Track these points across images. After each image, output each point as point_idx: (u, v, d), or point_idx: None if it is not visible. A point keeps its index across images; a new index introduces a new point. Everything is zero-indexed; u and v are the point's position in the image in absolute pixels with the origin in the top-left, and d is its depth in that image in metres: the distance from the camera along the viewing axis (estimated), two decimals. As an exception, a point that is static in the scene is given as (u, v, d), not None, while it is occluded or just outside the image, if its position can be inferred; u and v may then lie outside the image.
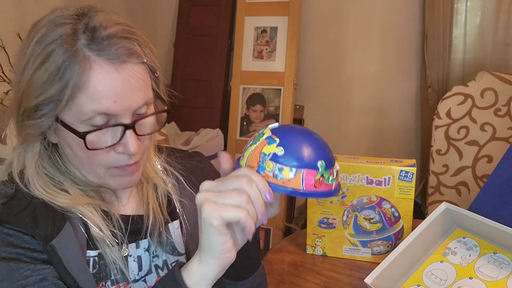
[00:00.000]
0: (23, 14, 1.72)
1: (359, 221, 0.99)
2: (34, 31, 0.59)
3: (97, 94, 0.57)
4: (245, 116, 2.14)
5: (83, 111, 0.57)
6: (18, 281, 0.56)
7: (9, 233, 0.59)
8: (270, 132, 0.55)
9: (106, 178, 0.64)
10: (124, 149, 0.61)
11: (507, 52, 1.79)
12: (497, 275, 0.74)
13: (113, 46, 0.57)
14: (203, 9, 2.42)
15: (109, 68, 0.57)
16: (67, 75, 0.56)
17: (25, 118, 0.60)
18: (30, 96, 0.58)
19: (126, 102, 0.59)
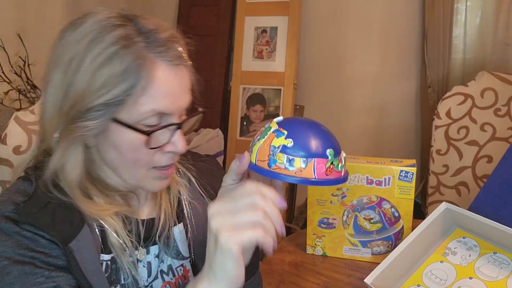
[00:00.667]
0: (23, 14, 1.72)
1: (359, 221, 0.99)
2: (78, 33, 0.59)
3: (158, 95, 0.59)
4: (245, 116, 2.14)
5: (142, 111, 0.59)
6: (31, 286, 0.56)
7: (26, 235, 0.58)
8: (276, 125, 0.56)
9: (145, 179, 0.65)
10: (173, 148, 0.63)
11: (507, 52, 1.79)
12: (497, 275, 0.74)
13: (169, 49, 0.60)
14: (203, 9, 2.42)
15: (169, 70, 0.60)
16: (135, 75, 0.57)
17: (78, 120, 0.59)
18: (90, 96, 0.57)
19: (180, 102, 0.62)
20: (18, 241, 0.58)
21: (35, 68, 1.70)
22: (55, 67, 0.60)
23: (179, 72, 0.62)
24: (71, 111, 0.59)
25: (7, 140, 0.92)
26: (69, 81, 0.58)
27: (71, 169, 0.62)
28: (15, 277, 0.56)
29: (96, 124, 0.58)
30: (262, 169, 0.54)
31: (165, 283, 0.72)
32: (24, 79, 1.65)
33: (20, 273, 0.56)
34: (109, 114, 0.58)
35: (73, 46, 0.59)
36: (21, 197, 0.61)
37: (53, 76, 0.60)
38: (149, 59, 0.58)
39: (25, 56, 1.65)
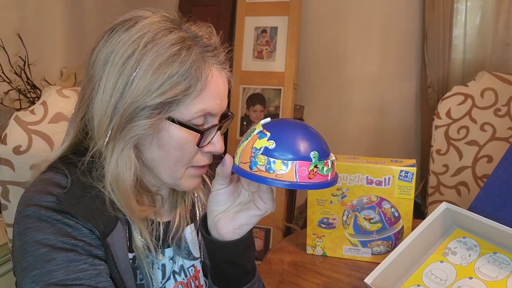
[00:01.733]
0: (23, 14, 1.72)
1: (359, 221, 0.99)
2: (131, 34, 0.60)
3: (210, 96, 0.62)
4: (245, 116, 2.14)
5: (193, 111, 0.61)
6: (75, 273, 0.56)
7: (69, 223, 0.59)
8: (261, 127, 0.55)
9: (183, 177, 0.67)
10: (213, 148, 0.66)
11: (507, 52, 1.79)
12: (497, 275, 0.74)
13: (220, 53, 0.65)
14: (203, 9, 2.42)
15: (218, 73, 0.64)
16: (194, 76, 0.60)
17: (135, 118, 0.59)
18: (149, 95, 0.59)
19: (223, 104, 0.66)
20: (60, 229, 0.58)
21: (35, 68, 1.69)
22: (107, 65, 0.60)
23: (224, 76, 0.66)
24: (128, 110, 0.59)
25: (7, 140, 0.92)
26: (126, 80, 0.59)
27: (127, 171, 0.62)
28: (58, 263, 0.56)
29: (151, 122, 0.60)
30: (243, 171, 0.53)
31: (178, 283, 0.73)
32: (24, 79, 1.65)
33: (64, 260, 0.56)
34: (164, 112, 0.60)
35: (127, 46, 0.60)
36: (57, 189, 0.61)
37: (105, 76, 0.60)
38: (205, 62, 0.62)
39: (25, 56, 1.65)
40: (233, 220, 0.60)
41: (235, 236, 0.61)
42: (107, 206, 0.62)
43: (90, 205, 0.61)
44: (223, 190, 0.60)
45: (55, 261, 0.56)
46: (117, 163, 0.61)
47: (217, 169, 0.58)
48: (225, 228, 0.61)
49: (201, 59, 0.62)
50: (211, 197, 0.61)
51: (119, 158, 0.61)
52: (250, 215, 0.60)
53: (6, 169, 0.92)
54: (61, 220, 0.58)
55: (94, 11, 2.07)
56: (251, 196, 0.61)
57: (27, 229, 0.58)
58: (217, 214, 0.61)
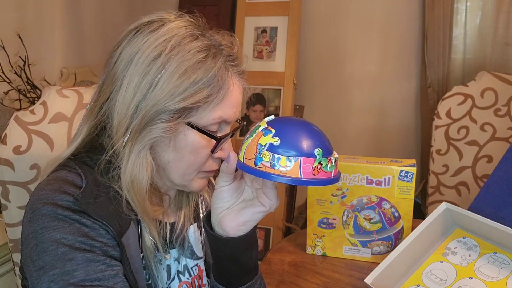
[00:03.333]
0: (23, 14, 1.72)
1: (359, 221, 0.99)
2: (157, 36, 0.60)
3: (228, 104, 0.63)
4: (245, 116, 2.14)
5: (211, 117, 0.62)
6: (95, 273, 0.56)
7: (86, 223, 0.59)
8: (265, 124, 0.56)
9: (193, 180, 0.68)
10: (224, 155, 0.66)
11: (507, 52, 1.79)
12: (497, 275, 0.74)
13: (239, 64, 0.66)
14: (203, 9, 2.42)
15: (238, 82, 0.66)
16: (217, 84, 0.61)
17: (155, 120, 0.60)
18: (172, 99, 0.59)
19: (238, 113, 0.67)
20: (78, 229, 0.58)
21: (35, 68, 1.69)
22: (131, 65, 0.60)
23: (241, 85, 0.67)
24: (150, 112, 0.59)
25: (7, 140, 0.92)
26: (150, 82, 0.59)
27: (143, 172, 0.62)
28: (78, 263, 0.56)
29: (171, 126, 0.60)
30: (248, 168, 0.54)
31: (182, 283, 0.74)
32: (24, 79, 1.65)
33: (83, 260, 0.56)
34: (184, 117, 0.61)
35: (153, 48, 0.60)
36: (73, 188, 0.61)
37: (128, 75, 0.60)
38: (228, 71, 0.63)
39: (25, 56, 1.65)
40: (237, 217, 0.61)
41: (239, 232, 0.62)
42: (121, 206, 0.63)
43: (106, 205, 0.62)
44: (227, 187, 0.61)
45: (75, 260, 0.56)
46: (134, 164, 0.61)
47: (221, 165, 0.59)
48: (229, 225, 0.61)
49: (224, 68, 0.63)
50: (215, 194, 0.62)
51: (136, 159, 0.61)
52: (255, 212, 0.60)
53: (6, 169, 0.92)
54: (79, 220, 0.59)
55: (94, 11, 2.07)
56: (255, 192, 0.62)
57: (44, 228, 0.57)
58: (222, 211, 0.62)
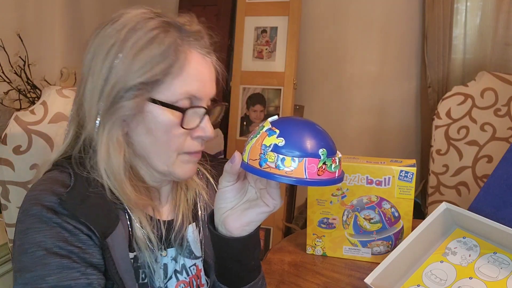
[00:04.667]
0: (23, 14, 1.72)
1: (359, 221, 0.99)
2: (116, 25, 0.64)
3: (191, 77, 0.64)
4: (245, 116, 2.14)
5: (176, 92, 0.63)
6: (67, 280, 0.56)
7: (67, 227, 0.59)
8: (269, 124, 0.56)
9: (176, 164, 0.67)
10: (202, 132, 0.66)
11: (507, 52, 1.79)
12: (497, 275, 0.74)
13: (200, 39, 0.67)
14: (203, 9, 2.42)
15: (200, 56, 0.66)
16: (172, 57, 0.62)
17: (118, 100, 0.62)
18: (130, 76, 0.62)
19: (208, 88, 0.66)
20: (59, 233, 0.59)
21: (35, 68, 1.69)
22: (94, 57, 0.64)
23: (208, 62, 0.67)
24: (112, 93, 0.62)
25: (7, 140, 0.92)
26: (109, 65, 0.62)
27: (116, 154, 0.64)
28: (52, 269, 0.56)
29: (135, 103, 0.62)
30: (253, 168, 0.54)
31: (180, 282, 0.74)
32: (24, 79, 1.65)
33: (58, 265, 0.57)
34: (146, 93, 0.62)
35: (112, 36, 0.63)
36: (61, 188, 0.62)
37: (92, 67, 0.64)
38: (185, 43, 0.65)
39: (25, 56, 1.65)
40: (241, 217, 0.61)
41: (243, 233, 0.62)
42: (107, 195, 0.64)
43: (92, 205, 0.62)
44: (231, 187, 0.61)
45: (49, 266, 0.56)
46: (107, 145, 0.63)
47: (225, 166, 0.59)
48: (233, 225, 0.61)
49: (180, 40, 0.64)
50: (219, 194, 0.62)
51: (108, 141, 0.63)
52: (259, 212, 0.60)
53: (6, 169, 0.92)
54: (60, 224, 0.59)
55: (94, 11, 2.07)
56: (258, 193, 0.62)
57: (28, 229, 0.58)
58: (225, 211, 0.62)
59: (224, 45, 2.38)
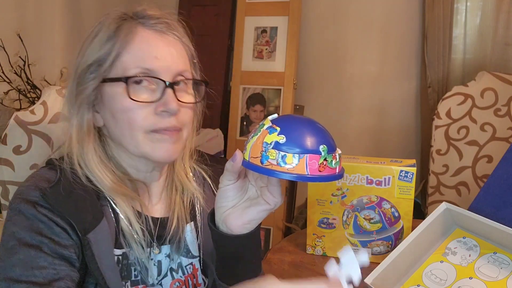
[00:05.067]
0: (23, 14, 1.72)
1: (359, 221, 0.99)
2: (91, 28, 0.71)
3: (139, 51, 0.66)
4: (245, 116, 2.14)
5: (126, 68, 0.65)
6: (31, 269, 0.57)
7: (42, 219, 0.60)
8: (270, 122, 0.56)
9: (146, 145, 0.66)
10: (164, 106, 0.65)
11: (507, 52, 1.79)
12: (497, 275, 0.74)
13: (155, 19, 0.68)
14: (203, 9, 2.42)
15: (152, 33, 0.68)
16: (114, 39, 0.66)
17: (80, 82, 0.67)
18: (85, 61, 0.67)
19: (166, 62, 0.66)
20: (32, 224, 0.60)
21: (35, 68, 1.69)
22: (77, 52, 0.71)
23: (166, 38, 0.68)
24: (76, 75, 0.68)
25: (7, 140, 0.92)
26: (78, 59, 0.69)
27: (85, 135, 0.67)
28: (20, 258, 0.57)
29: (94, 84, 0.66)
30: (254, 166, 0.54)
31: (175, 281, 0.74)
32: (24, 79, 1.65)
33: (25, 255, 0.57)
34: (100, 75, 0.66)
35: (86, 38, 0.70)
36: (45, 183, 0.63)
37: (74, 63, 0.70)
38: (131, 25, 0.67)
39: (25, 56, 1.65)
40: (242, 216, 0.61)
41: (245, 231, 0.62)
42: (94, 201, 0.65)
43: (75, 200, 0.63)
44: (232, 186, 0.61)
45: (17, 255, 0.57)
46: (77, 133, 0.67)
47: (226, 164, 0.59)
48: (234, 223, 0.61)
49: (126, 21, 0.68)
50: (220, 193, 0.62)
51: (79, 129, 0.67)
52: (260, 210, 0.61)
53: (6, 169, 0.92)
54: (35, 216, 0.60)
55: (94, 11, 2.07)
56: (259, 191, 0.62)
57: (8, 221, 0.61)
58: (226, 209, 0.62)
59: (224, 45, 2.39)
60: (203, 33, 2.40)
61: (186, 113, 0.69)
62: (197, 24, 2.64)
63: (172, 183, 0.78)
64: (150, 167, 0.73)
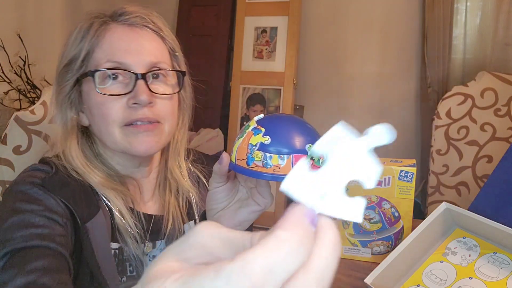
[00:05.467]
0: (23, 14, 1.72)
1: (359, 221, 0.99)
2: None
3: (110, 46, 0.66)
4: (245, 116, 2.14)
5: (100, 64, 0.66)
6: (27, 228, 0.56)
7: (38, 192, 0.61)
8: (255, 123, 0.55)
9: (123, 140, 0.67)
10: (134, 98, 0.65)
11: (507, 52, 1.79)
12: (497, 275, 0.74)
13: (128, 15, 0.69)
14: (203, 9, 2.42)
15: (123, 28, 0.68)
16: (87, 36, 0.67)
17: (59, 82, 0.69)
18: (63, 61, 0.69)
19: (137, 54, 0.67)
20: (30, 197, 0.60)
21: (35, 68, 1.69)
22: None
23: (137, 32, 0.68)
24: (57, 73, 0.69)
25: (7, 140, 0.91)
26: (57, 64, 0.70)
27: (68, 129, 0.69)
28: (13, 221, 0.57)
29: (72, 82, 0.68)
30: (241, 168, 0.54)
31: None
32: (24, 79, 1.65)
33: (20, 219, 0.57)
34: (75, 73, 0.67)
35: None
36: (43, 174, 0.64)
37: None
38: (102, 23, 0.68)
39: (25, 56, 1.65)
40: (233, 217, 0.61)
41: None
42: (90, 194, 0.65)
43: (73, 191, 0.64)
44: (221, 188, 0.61)
45: (11, 219, 0.57)
46: (62, 129, 0.69)
47: (214, 167, 0.59)
48: (226, 225, 0.61)
49: (97, 20, 0.69)
50: (210, 195, 0.62)
51: (62, 121, 0.69)
52: (250, 211, 0.61)
53: (6, 169, 0.92)
54: (34, 191, 0.61)
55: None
56: (249, 192, 0.62)
57: (4, 201, 0.61)
58: (217, 212, 0.62)
59: (224, 45, 2.39)
60: (203, 33, 2.40)
61: (163, 105, 0.68)
62: (197, 24, 2.66)
63: (165, 181, 0.77)
64: (136, 163, 0.73)
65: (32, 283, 0.50)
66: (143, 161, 0.73)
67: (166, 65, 0.70)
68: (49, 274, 0.52)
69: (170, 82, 0.71)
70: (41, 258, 0.53)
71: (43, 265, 0.53)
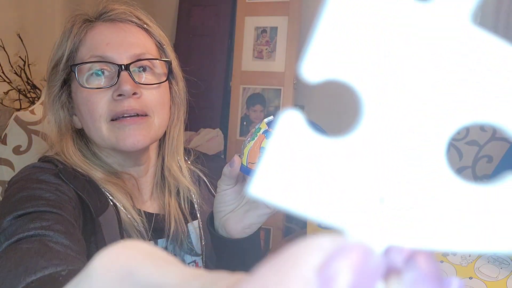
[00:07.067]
0: (23, 14, 1.72)
1: (359, 221, 0.99)
2: None
3: (93, 42, 0.68)
4: (245, 116, 2.14)
5: (84, 59, 0.66)
6: (37, 199, 0.56)
7: (49, 177, 0.61)
8: (266, 126, 0.55)
9: (110, 136, 0.66)
10: (118, 89, 0.64)
11: (507, 52, 1.79)
12: (497, 275, 0.74)
13: (113, 11, 0.70)
14: (203, 9, 2.42)
15: (106, 24, 0.69)
16: (70, 37, 0.69)
17: (50, 82, 0.70)
18: (50, 64, 0.70)
19: (120, 47, 0.67)
20: (40, 180, 0.60)
21: (35, 68, 1.69)
22: None
23: (120, 26, 0.69)
24: (48, 74, 0.71)
25: (7, 140, 0.92)
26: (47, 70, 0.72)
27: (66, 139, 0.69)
28: (21, 196, 0.57)
29: (57, 84, 0.69)
30: (253, 171, 0.53)
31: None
32: (24, 79, 1.65)
33: (28, 193, 0.57)
34: (63, 73, 0.69)
35: None
36: (52, 167, 0.65)
37: None
38: (87, 22, 0.70)
39: (25, 56, 1.65)
40: (242, 220, 0.61)
41: (244, 235, 0.61)
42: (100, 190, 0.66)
43: (84, 184, 0.64)
44: (230, 190, 0.60)
45: (19, 194, 0.57)
46: (56, 126, 0.70)
47: (224, 169, 0.58)
48: (234, 228, 0.61)
49: (79, 19, 0.70)
50: (218, 197, 0.61)
51: (55, 121, 0.70)
52: (259, 214, 0.60)
53: (6, 169, 0.92)
54: (46, 176, 0.61)
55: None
56: None
57: (10, 187, 0.60)
58: (225, 214, 0.61)
59: (224, 45, 2.39)
60: (203, 33, 2.40)
61: (150, 95, 0.68)
62: (197, 24, 2.66)
63: (163, 181, 0.76)
64: (131, 161, 0.73)
65: (47, 227, 0.50)
66: (136, 158, 0.72)
67: (151, 57, 0.69)
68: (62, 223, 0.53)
69: (158, 73, 0.70)
70: (52, 219, 0.53)
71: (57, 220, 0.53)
